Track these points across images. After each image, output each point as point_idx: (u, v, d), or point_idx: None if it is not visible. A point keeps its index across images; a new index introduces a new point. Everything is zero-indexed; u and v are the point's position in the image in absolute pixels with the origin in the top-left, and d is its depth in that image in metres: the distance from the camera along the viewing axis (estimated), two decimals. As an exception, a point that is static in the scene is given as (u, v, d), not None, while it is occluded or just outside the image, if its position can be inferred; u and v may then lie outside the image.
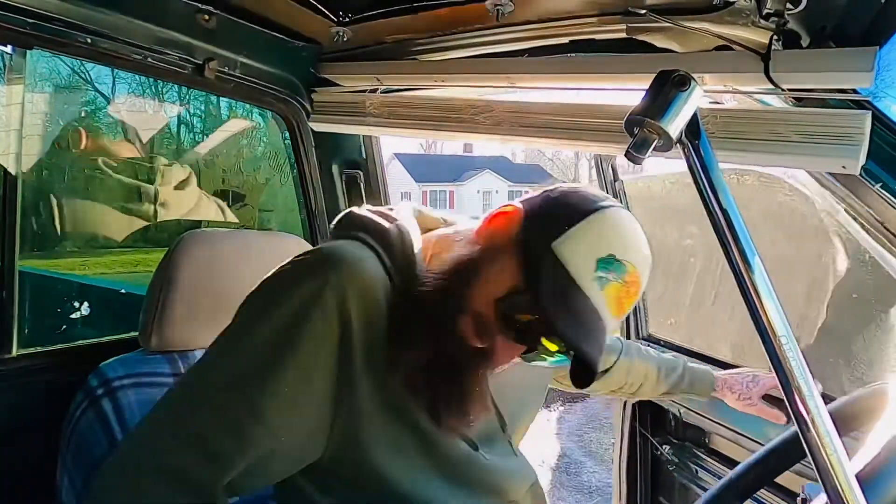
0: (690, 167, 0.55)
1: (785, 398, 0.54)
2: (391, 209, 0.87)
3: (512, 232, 0.76)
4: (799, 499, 0.76)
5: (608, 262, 0.73)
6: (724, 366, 1.35)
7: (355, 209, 0.86)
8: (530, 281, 0.72)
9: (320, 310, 0.70)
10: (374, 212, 0.85)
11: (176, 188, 1.70)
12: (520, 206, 0.78)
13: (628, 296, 0.74)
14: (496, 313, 0.73)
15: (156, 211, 1.69)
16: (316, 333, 0.70)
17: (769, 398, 1.21)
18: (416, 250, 0.79)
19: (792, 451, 0.87)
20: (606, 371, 1.21)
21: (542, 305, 0.70)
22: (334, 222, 0.86)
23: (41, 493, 1.02)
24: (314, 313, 0.70)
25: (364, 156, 1.52)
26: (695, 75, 0.54)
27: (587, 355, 0.70)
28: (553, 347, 0.74)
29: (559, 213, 0.75)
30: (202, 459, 0.66)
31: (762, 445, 0.82)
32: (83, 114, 1.64)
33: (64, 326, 1.37)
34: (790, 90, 0.90)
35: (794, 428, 0.55)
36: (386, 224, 0.81)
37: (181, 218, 1.72)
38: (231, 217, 1.77)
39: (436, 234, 0.85)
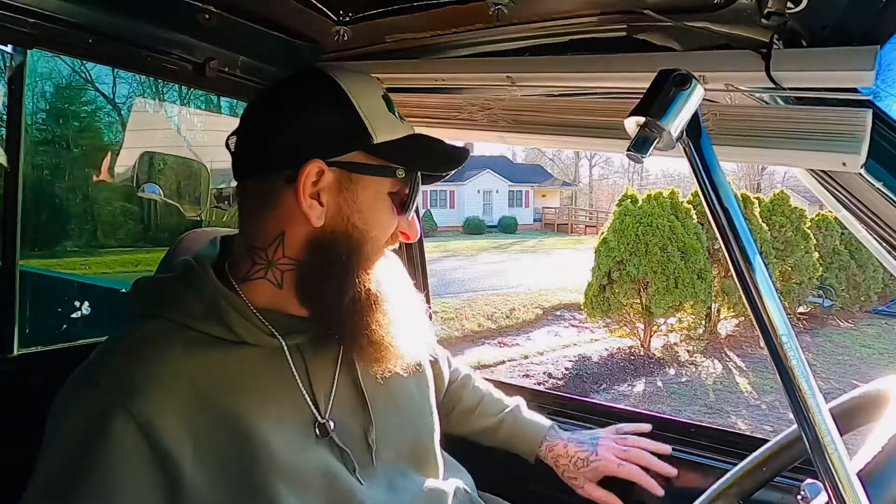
0: (692, 165, 0.55)
1: (787, 397, 0.54)
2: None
3: (345, 181, 0.78)
4: (799, 497, 0.76)
5: (390, 103, 0.83)
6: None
7: (144, 279, 0.83)
8: (392, 169, 0.80)
9: (108, 440, 0.65)
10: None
11: (178, 187, 1.70)
12: (313, 163, 0.76)
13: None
14: (404, 233, 0.84)
15: (156, 210, 1.69)
16: (112, 466, 0.65)
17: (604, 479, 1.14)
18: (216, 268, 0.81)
19: (793, 450, 0.88)
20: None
21: (413, 165, 0.82)
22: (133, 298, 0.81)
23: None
24: (100, 446, 0.65)
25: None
26: (695, 74, 0.54)
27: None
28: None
29: (339, 125, 0.78)
30: None
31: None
32: (83, 113, 1.64)
33: (65, 326, 1.37)
34: (791, 89, 0.90)
35: (795, 426, 0.55)
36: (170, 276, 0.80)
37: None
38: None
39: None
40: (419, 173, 0.83)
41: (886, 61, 0.80)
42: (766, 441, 0.91)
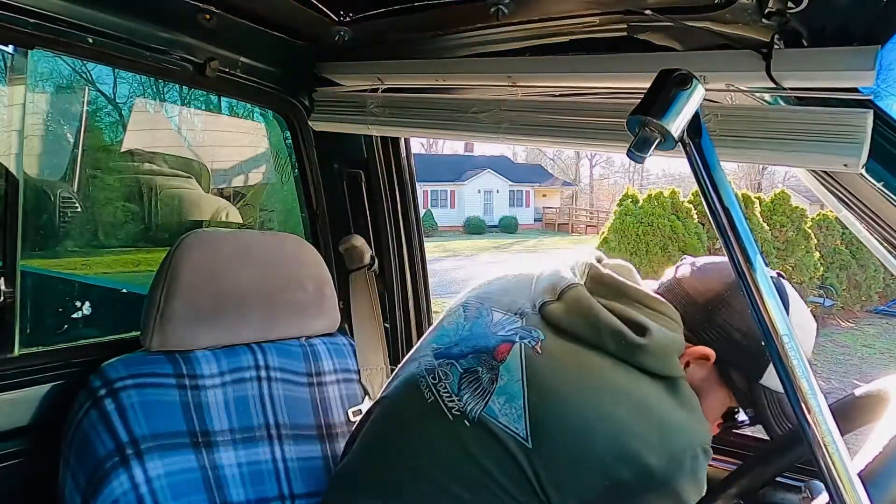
0: (692, 166, 0.55)
1: (788, 396, 0.54)
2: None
3: (714, 376, 0.87)
4: (801, 497, 0.76)
5: None
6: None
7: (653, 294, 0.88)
8: (747, 405, 0.88)
9: None
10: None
11: (178, 187, 1.71)
12: (709, 351, 0.85)
13: None
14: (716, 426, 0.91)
15: (157, 211, 1.69)
16: None
17: None
18: None
19: (793, 450, 0.87)
20: None
21: (762, 419, 0.87)
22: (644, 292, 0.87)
23: (44, 494, 1.02)
24: None
25: (366, 155, 1.52)
26: (696, 74, 0.54)
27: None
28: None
29: (751, 349, 0.84)
30: None
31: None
32: (84, 114, 1.64)
33: (66, 326, 1.37)
34: (792, 89, 0.90)
35: (797, 427, 0.54)
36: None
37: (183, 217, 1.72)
38: (234, 217, 1.77)
39: None
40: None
41: (887, 61, 0.80)
42: (767, 441, 0.91)
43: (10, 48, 1.10)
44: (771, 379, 0.84)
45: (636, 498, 0.76)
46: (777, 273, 0.88)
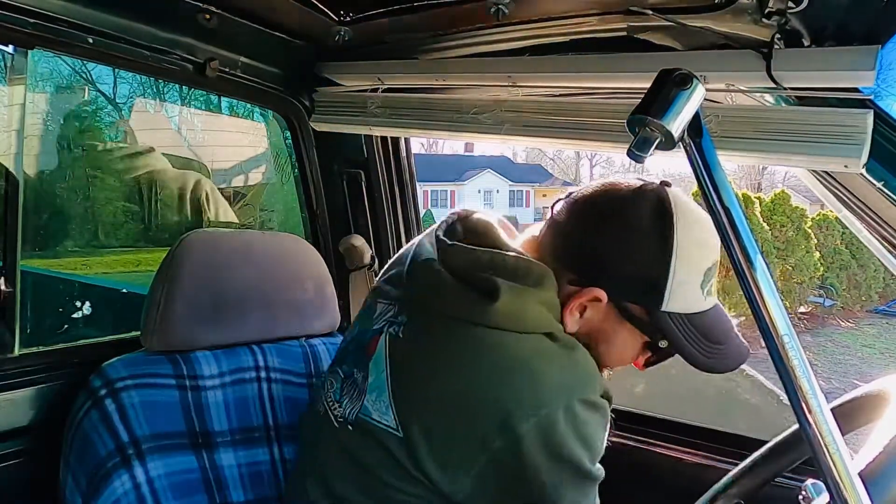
0: (693, 166, 0.55)
1: (788, 396, 0.54)
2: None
3: (614, 315, 0.80)
4: (800, 497, 0.76)
5: (709, 275, 0.80)
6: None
7: (509, 254, 0.79)
8: (659, 336, 0.81)
9: None
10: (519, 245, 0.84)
11: (177, 187, 1.71)
12: (598, 291, 0.78)
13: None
14: (635, 363, 0.86)
15: (157, 210, 1.69)
16: None
17: None
18: None
19: (794, 450, 0.87)
20: None
21: (677, 348, 0.81)
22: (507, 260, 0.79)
23: (44, 494, 1.02)
24: None
25: (366, 155, 1.52)
26: (696, 74, 0.54)
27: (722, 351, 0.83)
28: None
29: (640, 278, 0.78)
30: None
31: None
32: (84, 114, 1.64)
33: (66, 326, 1.37)
34: (792, 89, 0.90)
35: (797, 426, 0.54)
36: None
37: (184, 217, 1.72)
38: (233, 217, 1.77)
39: None
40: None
41: (887, 61, 0.80)
42: (767, 441, 0.91)
43: (10, 48, 1.10)
44: (674, 303, 0.78)
45: (520, 465, 0.71)
46: (661, 182, 0.82)
